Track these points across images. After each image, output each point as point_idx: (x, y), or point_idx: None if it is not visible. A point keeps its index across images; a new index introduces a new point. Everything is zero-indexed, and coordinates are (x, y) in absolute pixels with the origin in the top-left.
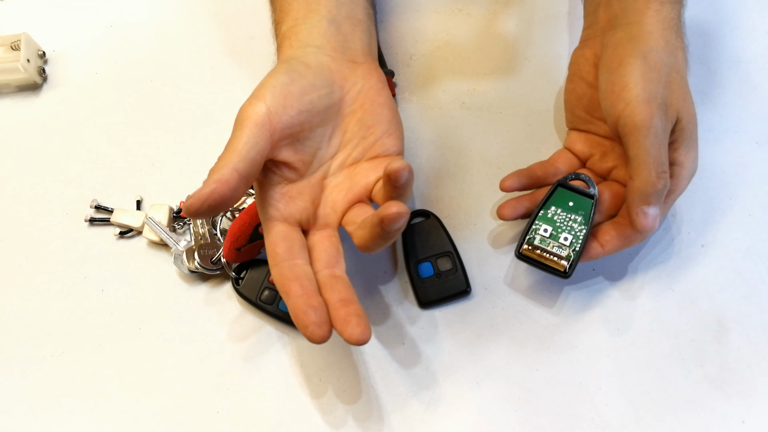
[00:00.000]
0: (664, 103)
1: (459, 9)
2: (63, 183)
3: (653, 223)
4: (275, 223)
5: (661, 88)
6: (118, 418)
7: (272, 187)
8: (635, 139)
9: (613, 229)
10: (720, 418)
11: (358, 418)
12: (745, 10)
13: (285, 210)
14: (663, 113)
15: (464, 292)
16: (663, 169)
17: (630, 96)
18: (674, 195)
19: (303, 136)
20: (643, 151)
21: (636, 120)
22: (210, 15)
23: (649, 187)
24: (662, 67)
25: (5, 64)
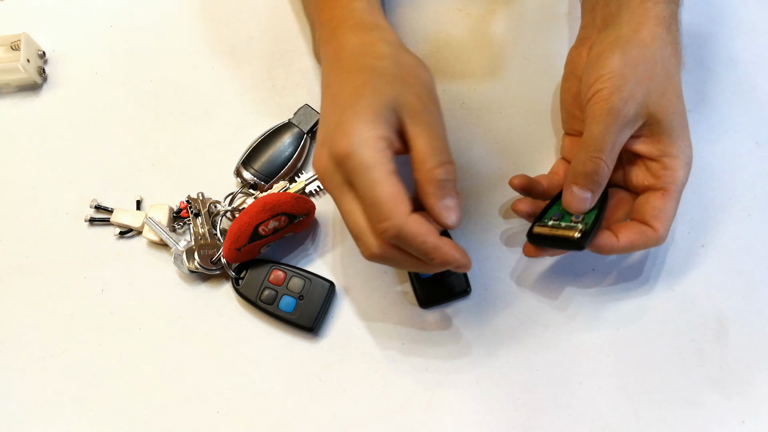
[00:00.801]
0: (630, 98)
1: (459, 9)
2: (63, 183)
3: (578, 204)
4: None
5: (632, 84)
6: (118, 418)
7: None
8: (589, 123)
9: (630, 224)
10: (720, 418)
11: (358, 418)
12: (745, 10)
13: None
14: (624, 106)
15: (464, 292)
16: (599, 155)
17: (599, 85)
18: (675, 186)
19: None
20: (589, 134)
21: (596, 107)
22: (210, 15)
23: (579, 166)
24: (640, 64)
25: (5, 64)
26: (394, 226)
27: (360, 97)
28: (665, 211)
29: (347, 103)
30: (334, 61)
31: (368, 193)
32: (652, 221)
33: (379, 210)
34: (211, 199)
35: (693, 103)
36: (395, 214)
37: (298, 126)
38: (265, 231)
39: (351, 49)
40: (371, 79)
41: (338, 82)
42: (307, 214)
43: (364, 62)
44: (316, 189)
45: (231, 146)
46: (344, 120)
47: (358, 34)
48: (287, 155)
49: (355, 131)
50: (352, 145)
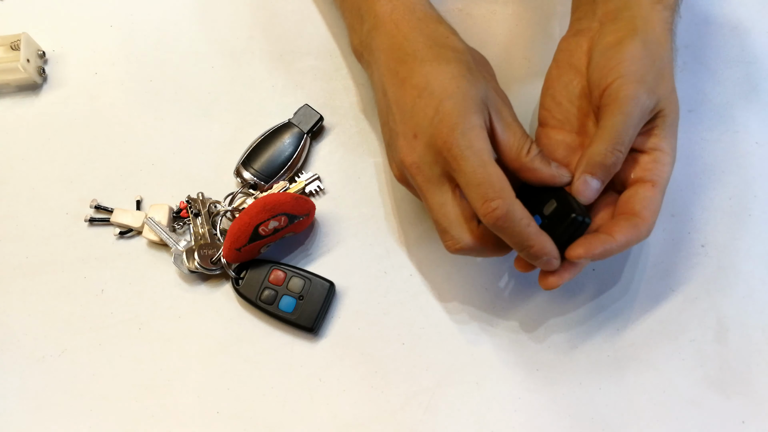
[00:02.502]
0: (651, 90)
1: (459, 9)
2: (63, 183)
3: (590, 193)
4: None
5: (652, 76)
6: (118, 418)
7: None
8: (611, 111)
9: (620, 220)
10: (720, 418)
11: (358, 418)
12: (745, 10)
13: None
14: (647, 98)
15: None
16: (620, 148)
17: (623, 71)
18: (663, 180)
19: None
20: (612, 123)
21: (620, 94)
22: (210, 15)
23: (597, 158)
24: (657, 59)
25: (5, 64)
26: (505, 203)
27: (458, 88)
28: (654, 203)
29: (444, 94)
30: (407, 53)
31: (478, 174)
32: (642, 211)
33: (490, 188)
34: (211, 199)
35: (693, 103)
36: (507, 193)
37: (298, 126)
38: (265, 231)
39: (425, 40)
40: (464, 72)
41: (423, 73)
42: (307, 214)
43: (447, 54)
44: (316, 189)
45: (231, 146)
46: (445, 110)
47: (430, 25)
48: (287, 155)
49: (460, 119)
50: (460, 131)
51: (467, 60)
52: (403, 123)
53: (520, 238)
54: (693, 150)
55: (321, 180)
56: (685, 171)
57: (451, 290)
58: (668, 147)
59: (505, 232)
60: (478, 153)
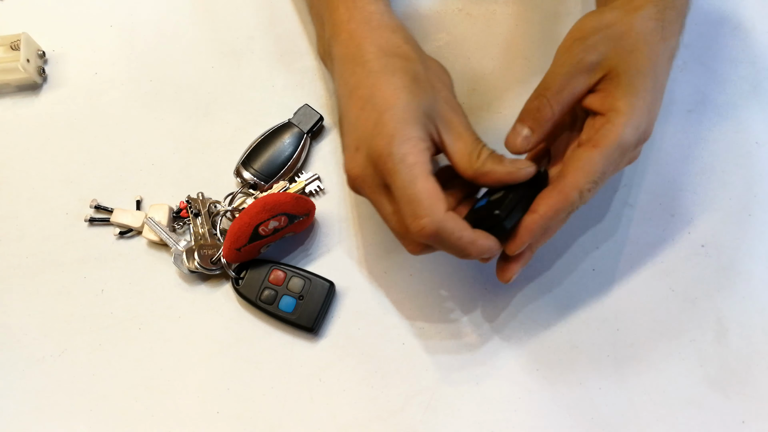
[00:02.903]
0: (593, 47)
1: (459, 9)
2: (63, 183)
3: (516, 138)
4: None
5: (598, 37)
6: (118, 418)
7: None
8: (552, 64)
9: (548, 188)
10: (720, 418)
11: (358, 418)
12: (745, 10)
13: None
14: (581, 52)
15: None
16: (543, 92)
17: (564, 41)
18: (607, 141)
19: None
20: (543, 79)
21: (555, 57)
22: (210, 15)
23: (525, 105)
24: (614, 24)
25: (5, 64)
26: (433, 221)
27: (398, 99)
28: (587, 163)
29: (384, 106)
30: (357, 64)
31: (406, 191)
32: (571, 174)
33: (418, 206)
34: (211, 199)
35: (693, 103)
36: (435, 210)
37: (298, 126)
38: (265, 231)
39: (376, 50)
40: (407, 83)
41: (369, 84)
42: (307, 214)
43: (395, 65)
44: (316, 189)
45: (231, 146)
46: (384, 122)
47: (383, 35)
48: (287, 155)
49: (396, 132)
50: (395, 144)
51: (415, 70)
52: (348, 135)
53: (454, 249)
54: (693, 150)
55: (321, 180)
56: (685, 171)
57: (450, 290)
58: (626, 108)
59: (439, 246)
60: (410, 167)
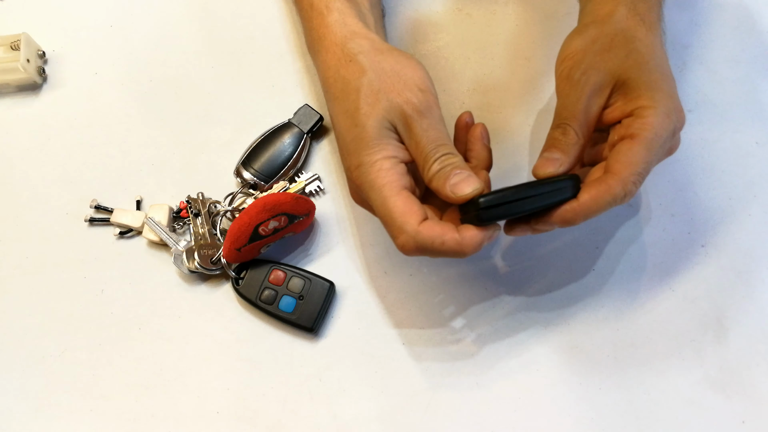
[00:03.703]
0: (591, 68)
1: (459, 9)
2: (63, 183)
3: (547, 163)
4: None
5: (591, 56)
6: (118, 418)
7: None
8: (557, 103)
9: (591, 181)
10: (720, 418)
11: (358, 418)
12: (745, 10)
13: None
14: (583, 76)
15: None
16: (565, 122)
17: (559, 70)
18: (644, 131)
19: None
20: (556, 111)
21: (559, 88)
22: (210, 15)
23: (548, 138)
24: (598, 39)
25: (5, 64)
26: (409, 238)
27: (355, 125)
28: (629, 155)
29: (347, 132)
30: (325, 90)
31: (380, 212)
32: (614, 166)
33: (392, 226)
34: (211, 199)
35: (693, 103)
36: (407, 227)
37: (298, 126)
38: (265, 231)
39: (333, 73)
40: (360, 104)
41: (335, 111)
42: (307, 214)
43: (348, 86)
44: (316, 189)
45: (231, 146)
46: (350, 148)
47: (336, 54)
48: (287, 155)
49: (361, 159)
50: (360, 171)
51: (367, 83)
52: (342, 163)
53: (444, 255)
54: (693, 150)
55: (321, 180)
56: (685, 171)
57: (450, 290)
58: (651, 102)
59: (430, 255)
60: (379, 190)
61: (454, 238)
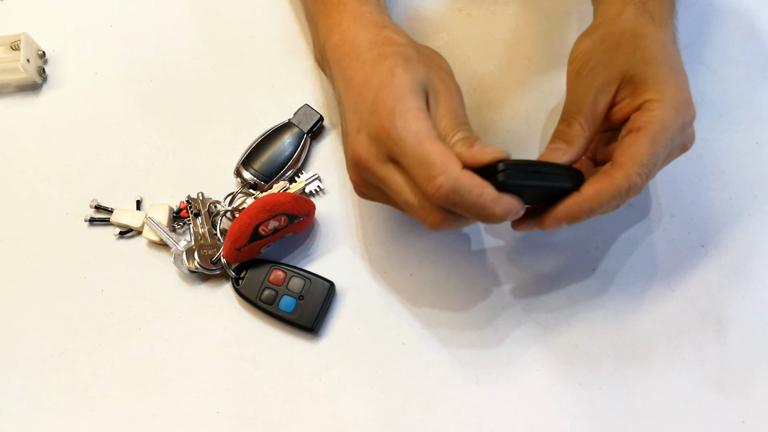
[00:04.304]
0: (598, 65)
1: (459, 9)
2: (63, 183)
3: (552, 152)
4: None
5: (599, 54)
6: (118, 418)
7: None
8: (565, 100)
9: (595, 173)
10: (720, 418)
11: (358, 418)
12: (745, 10)
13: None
14: (590, 74)
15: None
16: (572, 116)
17: (569, 69)
18: (651, 124)
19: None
20: (564, 107)
21: (568, 85)
22: (210, 15)
23: (555, 131)
24: (606, 38)
25: (5, 64)
26: (449, 179)
27: (393, 77)
28: (633, 148)
29: (380, 86)
30: (351, 59)
31: (417, 154)
32: (618, 158)
33: (431, 167)
34: (211, 199)
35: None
36: (448, 168)
37: (298, 126)
38: (265, 231)
39: (367, 44)
40: (400, 62)
41: (363, 72)
42: (307, 214)
43: (386, 51)
44: (316, 189)
45: (231, 146)
46: (381, 98)
47: (372, 30)
48: (287, 155)
49: (396, 105)
50: (396, 114)
51: (406, 52)
52: (349, 122)
53: (477, 209)
54: (693, 150)
55: (321, 180)
56: (685, 171)
57: (451, 290)
58: (659, 95)
59: (459, 207)
60: (416, 133)
61: (491, 193)
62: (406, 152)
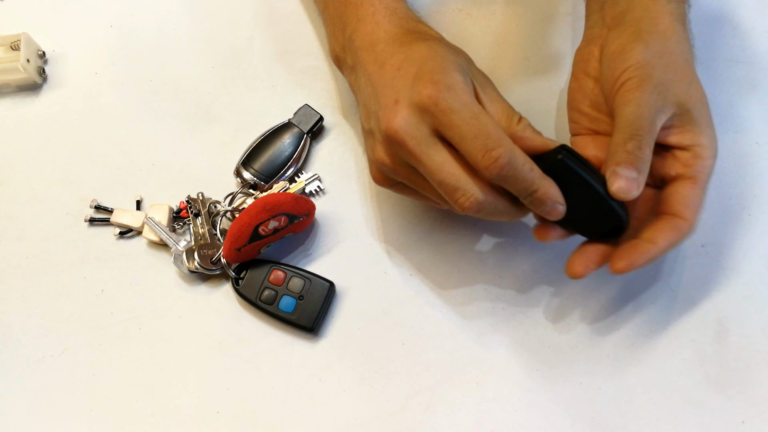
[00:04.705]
0: (661, 84)
1: (459, 9)
2: (63, 183)
3: (627, 184)
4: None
5: (660, 72)
6: (118, 418)
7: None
8: (620, 111)
9: (661, 222)
10: (720, 418)
11: (358, 418)
12: (745, 10)
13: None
14: (655, 91)
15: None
16: (637, 132)
17: (626, 77)
18: (704, 175)
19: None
20: (623, 119)
21: (627, 96)
22: (210, 15)
23: (618, 147)
24: (664, 55)
25: (5, 64)
26: (507, 151)
27: (437, 53)
28: (695, 200)
29: (425, 59)
30: (385, 43)
31: (473, 126)
32: (683, 211)
33: (488, 139)
34: (211, 199)
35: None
36: (506, 141)
37: (298, 126)
38: (265, 231)
39: (404, 32)
40: (441, 45)
41: (402, 51)
42: (307, 215)
43: (426, 34)
44: (316, 189)
45: (231, 146)
46: (426, 70)
47: (409, 23)
48: (287, 155)
49: (443, 76)
50: (445, 86)
51: (444, 42)
52: (383, 97)
53: (525, 183)
54: None
55: (321, 180)
56: None
57: (451, 290)
58: (707, 141)
59: (509, 181)
60: (468, 105)
61: (539, 172)
62: (458, 124)
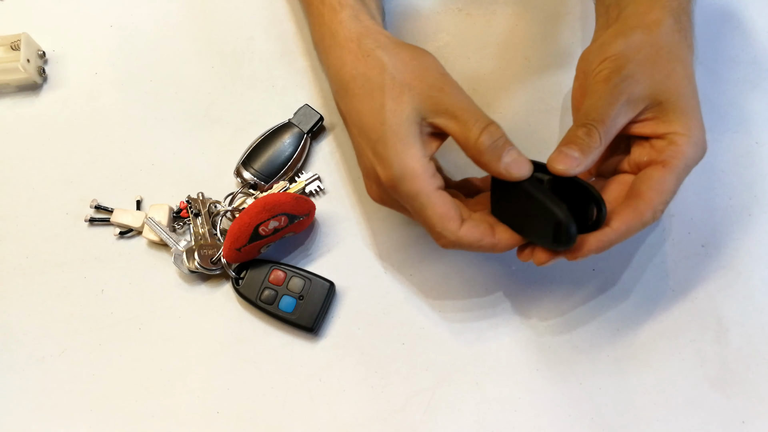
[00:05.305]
0: (631, 77)
1: (459, 9)
2: (63, 183)
3: (565, 160)
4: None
5: (633, 65)
6: (118, 418)
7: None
8: (586, 102)
9: (622, 205)
10: (720, 418)
11: (358, 418)
12: (745, 10)
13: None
14: (622, 83)
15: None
16: (591, 122)
17: (599, 69)
18: (677, 160)
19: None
20: (584, 108)
21: (593, 88)
22: (210, 15)
23: (569, 133)
24: (643, 48)
25: (5, 64)
26: (449, 242)
27: (383, 124)
28: (661, 183)
29: (374, 133)
30: (340, 87)
31: (420, 216)
32: (647, 192)
33: (432, 231)
34: (211, 199)
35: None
36: (447, 232)
37: (298, 126)
38: (265, 231)
39: (350, 69)
40: (386, 100)
41: (356, 110)
42: (307, 215)
43: (370, 83)
44: (316, 189)
45: (231, 146)
46: (379, 151)
47: (352, 50)
48: (287, 155)
49: (393, 163)
50: (395, 176)
51: (388, 80)
52: (359, 161)
53: (481, 251)
54: None
55: (321, 180)
56: None
57: (450, 290)
58: (685, 129)
59: (468, 251)
60: (415, 197)
61: (491, 242)
62: (411, 209)
